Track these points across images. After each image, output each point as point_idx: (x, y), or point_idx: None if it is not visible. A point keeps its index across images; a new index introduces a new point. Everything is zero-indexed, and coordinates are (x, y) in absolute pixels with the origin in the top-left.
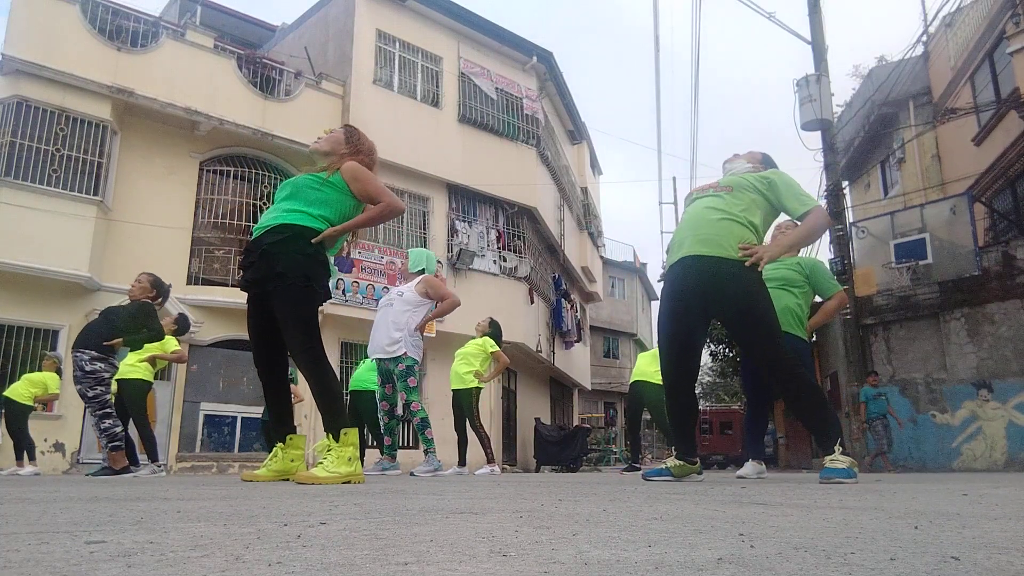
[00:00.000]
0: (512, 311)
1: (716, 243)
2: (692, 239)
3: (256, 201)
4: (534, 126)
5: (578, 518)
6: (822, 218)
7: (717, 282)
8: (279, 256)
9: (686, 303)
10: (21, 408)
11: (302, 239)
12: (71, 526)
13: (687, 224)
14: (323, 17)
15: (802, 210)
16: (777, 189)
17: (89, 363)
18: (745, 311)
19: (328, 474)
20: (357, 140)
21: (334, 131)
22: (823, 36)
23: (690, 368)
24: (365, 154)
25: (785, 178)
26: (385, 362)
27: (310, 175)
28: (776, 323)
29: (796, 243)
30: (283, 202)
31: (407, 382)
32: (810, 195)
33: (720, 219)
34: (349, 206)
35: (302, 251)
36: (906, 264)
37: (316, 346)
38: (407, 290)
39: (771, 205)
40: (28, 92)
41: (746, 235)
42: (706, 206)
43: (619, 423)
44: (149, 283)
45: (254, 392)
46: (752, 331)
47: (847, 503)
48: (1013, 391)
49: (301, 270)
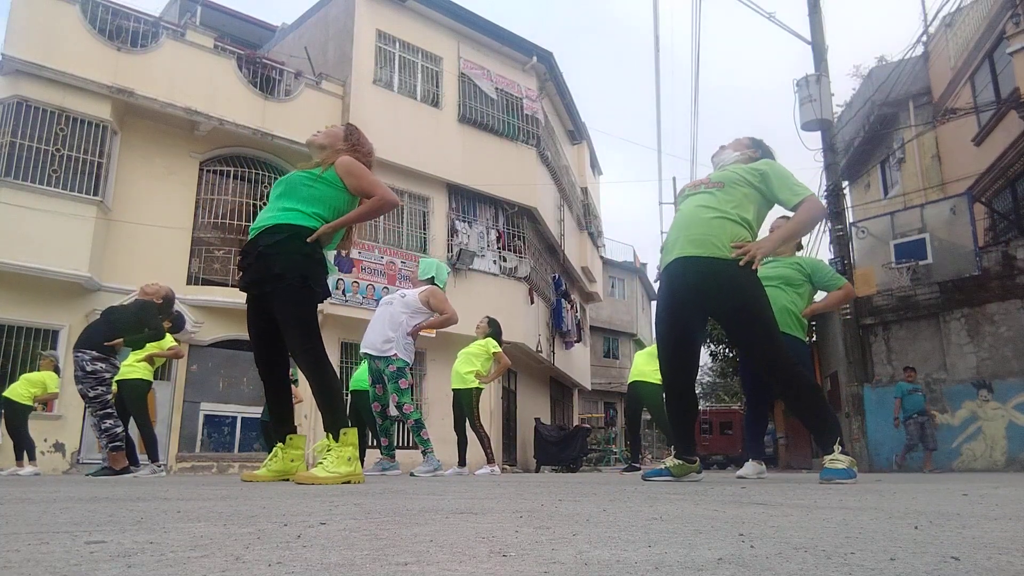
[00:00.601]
0: (512, 311)
1: (709, 243)
2: (684, 239)
3: (256, 201)
4: (534, 126)
5: (578, 518)
6: (815, 208)
7: (711, 282)
8: (276, 257)
9: (682, 302)
10: (21, 408)
11: (298, 239)
12: (71, 526)
13: (679, 224)
14: (323, 17)
15: (795, 200)
16: (769, 180)
17: (90, 363)
18: (741, 309)
19: (328, 474)
20: (357, 139)
21: (335, 127)
22: (823, 36)
23: (689, 367)
24: (363, 154)
25: (777, 168)
26: (376, 360)
27: (303, 172)
28: (773, 322)
29: (789, 235)
30: (277, 201)
31: (398, 384)
32: (804, 184)
33: (712, 217)
34: (344, 201)
35: (299, 251)
36: (906, 264)
37: (316, 346)
38: (410, 294)
39: (764, 198)
40: (28, 92)
41: (739, 232)
42: (698, 204)
43: (619, 423)
44: (163, 294)
45: (254, 392)
46: (749, 330)
47: (847, 503)
48: (1013, 391)
49: (299, 270)
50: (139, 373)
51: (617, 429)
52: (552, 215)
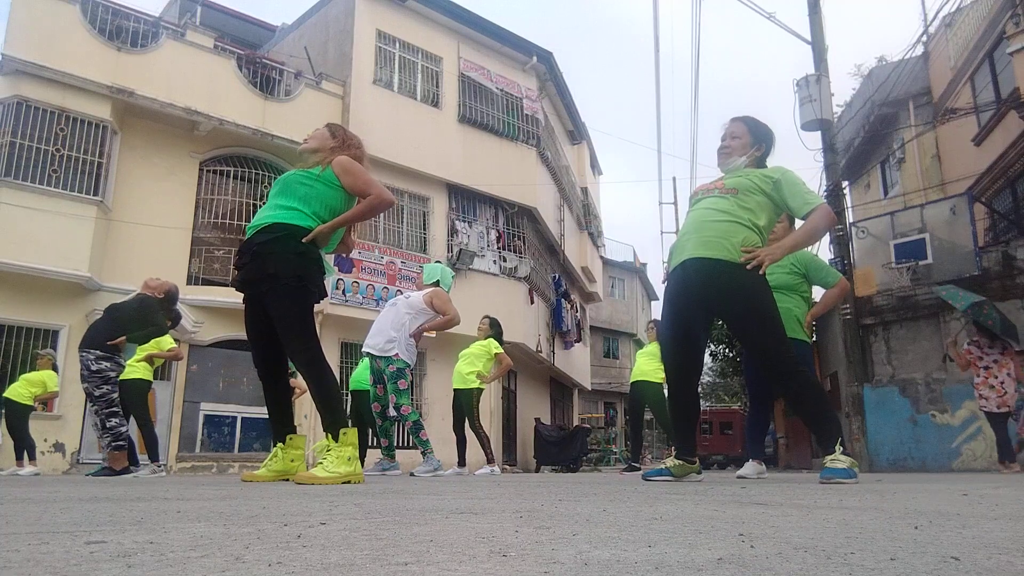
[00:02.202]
0: (512, 311)
1: (719, 245)
2: (695, 241)
3: (256, 201)
4: (534, 126)
5: (578, 518)
6: (825, 217)
7: (719, 283)
8: (270, 256)
9: (688, 303)
10: (22, 408)
11: (294, 238)
12: (71, 526)
13: (691, 226)
14: (323, 17)
15: (806, 210)
16: (782, 189)
17: (95, 362)
18: (750, 310)
19: (328, 474)
20: (343, 135)
21: (318, 129)
22: (823, 36)
23: (693, 367)
24: (354, 147)
25: (790, 177)
26: (377, 360)
27: (301, 171)
28: (780, 323)
29: (799, 244)
30: (274, 199)
31: (397, 384)
32: (815, 193)
33: (725, 221)
34: (341, 201)
35: (294, 250)
36: (906, 264)
37: (313, 346)
38: (415, 296)
39: (776, 205)
40: (28, 92)
41: (751, 237)
42: (710, 207)
43: (619, 423)
44: (165, 288)
45: (254, 392)
46: (756, 330)
47: (847, 503)
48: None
49: (293, 269)
50: (139, 373)
51: (617, 429)
52: (552, 215)
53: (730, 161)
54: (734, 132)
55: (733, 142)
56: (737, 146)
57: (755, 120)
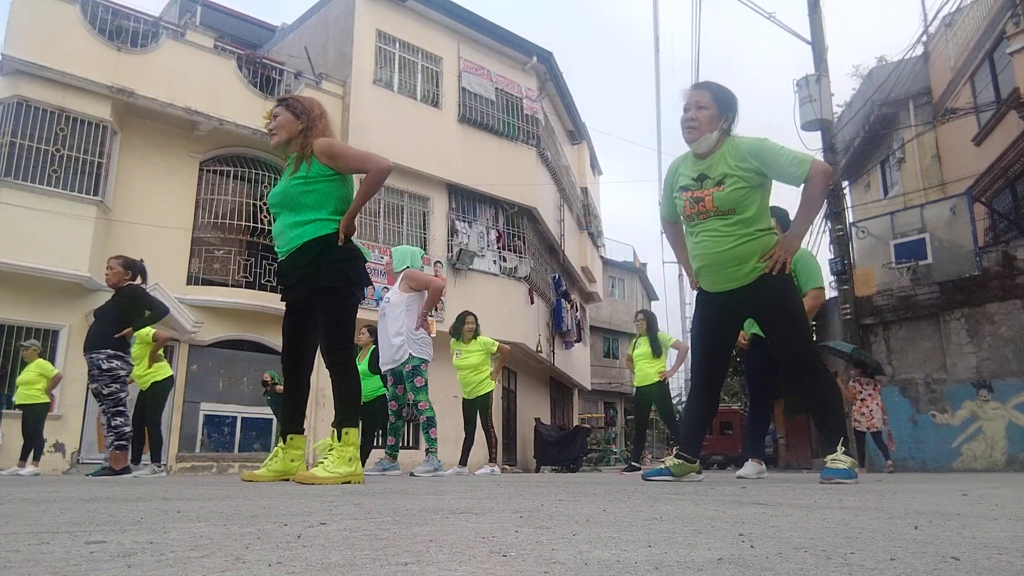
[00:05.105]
0: (512, 311)
1: (741, 273)
2: (717, 276)
3: (256, 201)
4: (534, 126)
5: (578, 518)
6: (821, 178)
7: (750, 297)
8: (320, 273)
9: (721, 323)
10: (40, 407)
11: (332, 247)
12: (71, 526)
13: (705, 262)
14: (323, 17)
15: (801, 175)
16: (769, 167)
17: (106, 361)
18: (777, 307)
19: (328, 474)
20: (302, 109)
21: (275, 114)
22: (823, 36)
23: (718, 376)
24: (320, 121)
25: (768, 152)
26: (393, 369)
27: (292, 181)
28: (804, 316)
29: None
30: (288, 218)
31: (414, 382)
32: (799, 155)
33: (735, 247)
34: (344, 186)
35: (339, 258)
36: (906, 264)
37: (349, 347)
38: (394, 293)
39: (770, 181)
40: (28, 92)
41: (765, 243)
42: (715, 235)
43: (619, 423)
44: (121, 266)
45: (254, 392)
46: (782, 324)
47: (847, 503)
48: (1013, 391)
49: (345, 277)
50: (166, 372)
51: (617, 429)
52: (552, 215)
53: (701, 140)
54: (699, 101)
55: (700, 113)
56: (704, 118)
57: (719, 86)
